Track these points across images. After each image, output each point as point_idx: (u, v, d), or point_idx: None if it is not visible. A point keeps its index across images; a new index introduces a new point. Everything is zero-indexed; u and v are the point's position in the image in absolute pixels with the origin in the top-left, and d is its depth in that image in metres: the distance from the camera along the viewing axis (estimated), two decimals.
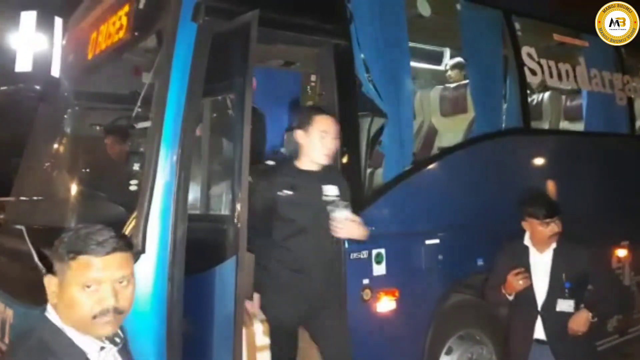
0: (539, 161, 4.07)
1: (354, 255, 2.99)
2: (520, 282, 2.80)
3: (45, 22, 2.39)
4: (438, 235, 3.31)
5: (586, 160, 4.22)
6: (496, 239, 3.51)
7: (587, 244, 2.94)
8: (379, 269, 3.07)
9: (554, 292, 2.83)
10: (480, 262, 3.48)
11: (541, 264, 2.89)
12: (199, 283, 2.55)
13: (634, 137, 4.77)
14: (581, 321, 2.78)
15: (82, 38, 3.43)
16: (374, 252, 3.05)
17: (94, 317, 1.32)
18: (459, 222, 3.42)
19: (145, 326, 2.24)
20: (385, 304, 3.07)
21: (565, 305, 2.82)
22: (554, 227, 2.84)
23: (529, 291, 2.86)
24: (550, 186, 3.99)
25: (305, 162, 2.79)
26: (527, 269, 2.88)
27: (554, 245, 2.89)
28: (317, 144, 2.72)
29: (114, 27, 2.94)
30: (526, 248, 2.94)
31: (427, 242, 3.27)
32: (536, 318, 2.87)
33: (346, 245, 2.97)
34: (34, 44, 2.32)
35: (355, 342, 2.95)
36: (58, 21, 2.39)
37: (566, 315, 2.81)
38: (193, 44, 2.51)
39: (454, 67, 4.77)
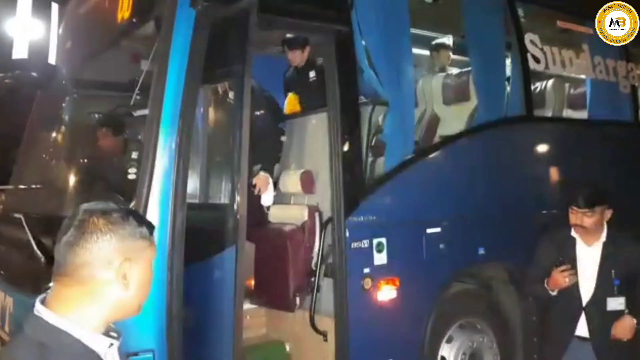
0: (541, 149, 4.04)
1: (354, 245, 2.98)
2: (566, 279, 2.63)
3: (41, 9, 2.35)
4: (439, 225, 3.29)
5: (589, 148, 4.18)
6: (497, 228, 3.51)
7: (638, 238, 2.73)
8: (380, 258, 3.06)
9: (602, 289, 2.66)
10: (481, 251, 3.46)
11: (588, 258, 2.70)
12: (199, 272, 2.54)
13: (638, 125, 4.73)
14: (626, 328, 2.60)
15: (79, 25, 3.39)
16: (375, 241, 3.04)
17: None
18: (460, 211, 3.40)
19: (145, 315, 2.23)
20: (386, 293, 3.06)
21: (615, 303, 2.63)
22: (578, 217, 2.64)
23: (573, 286, 2.68)
24: (553, 175, 3.97)
25: None
26: (573, 262, 2.69)
27: (603, 238, 2.69)
28: None
29: (112, 14, 2.90)
30: (573, 240, 2.75)
31: (428, 231, 3.25)
32: (580, 314, 2.70)
33: (347, 234, 2.96)
34: (30, 30, 2.28)
35: (357, 331, 2.95)
36: (54, 7, 2.35)
37: (613, 314, 2.64)
38: (191, 30, 2.47)
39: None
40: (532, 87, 4.12)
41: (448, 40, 4.84)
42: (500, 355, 3.54)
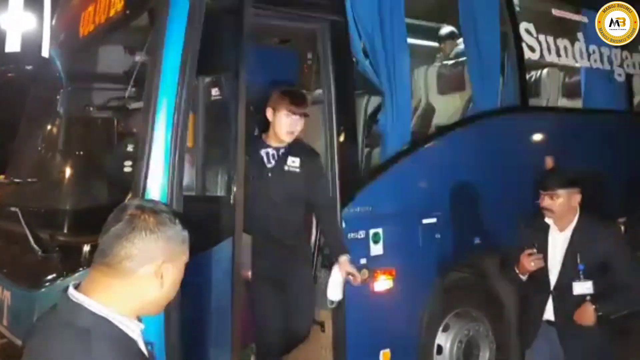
0: (536, 139, 4.05)
1: (351, 235, 2.99)
2: (532, 263, 2.66)
3: (33, 1, 2.33)
4: (435, 215, 3.30)
5: (584, 137, 4.19)
6: (493, 217, 3.52)
7: (612, 225, 2.76)
8: (376, 249, 3.07)
9: (567, 273, 2.68)
10: (477, 241, 3.48)
11: (559, 242, 2.74)
12: (196, 264, 2.53)
13: (632, 114, 4.75)
14: (585, 315, 2.61)
15: (72, 17, 3.37)
16: (371, 232, 3.05)
17: None
18: (456, 201, 3.41)
19: None
20: (383, 283, 3.08)
21: (582, 287, 2.64)
22: (546, 199, 2.69)
23: (543, 270, 2.72)
24: (548, 164, 3.98)
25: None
26: (544, 248, 2.74)
27: (574, 224, 2.72)
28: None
29: (106, 5, 2.89)
30: (547, 226, 2.79)
31: (424, 221, 3.27)
32: (547, 298, 2.74)
33: (343, 225, 2.97)
34: (22, 23, 2.27)
35: (353, 321, 2.97)
36: (47, 0, 2.33)
37: (579, 299, 2.65)
38: (186, 21, 2.46)
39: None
40: (527, 76, 4.13)
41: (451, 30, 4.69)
42: (496, 343, 3.58)
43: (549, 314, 2.75)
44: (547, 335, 2.75)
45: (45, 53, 2.29)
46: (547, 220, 2.78)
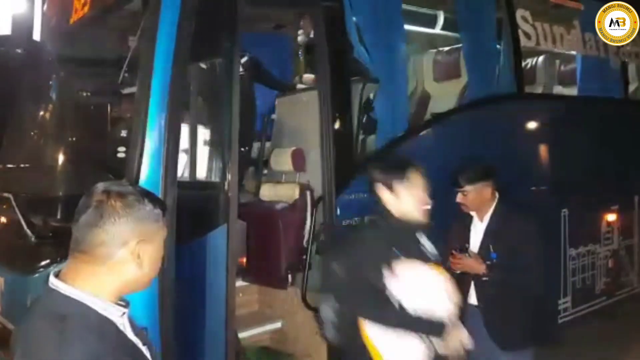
0: (530, 126, 4.05)
1: (346, 222, 2.99)
2: (458, 266, 2.77)
3: None
4: (430, 201, 3.30)
5: (578, 125, 4.20)
6: None
7: (525, 216, 2.86)
8: None
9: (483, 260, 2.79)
10: None
11: (478, 232, 2.88)
12: (190, 251, 2.54)
13: (626, 102, 4.76)
14: (466, 263, 2.73)
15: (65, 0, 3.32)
16: (366, 219, 3.05)
17: None
18: (451, 188, 3.41)
19: (136, 296, 2.24)
20: None
21: None
22: (459, 196, 2.82)
23: None
24: (542, 151, 3.99)
25: None
26: (468, 237, 2.89)
27: (489, 214, 2.86)
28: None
29: None
30: (471, 216, 2.93)
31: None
32: (470, 284, 2.87)
33: (338, 212, 2.96)
34: (13, 5, 2.23)
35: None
36: None
37: (497, 283, 2.76)
38: (179, 6, 2.43)
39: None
40: (523, 64, 4.11)
41: None
42: None
43: (472, 298, 2.87)
44: (474, 318, 2.83)
45: (36, 36, 2.26)
46: (471, 211, 2.90)
